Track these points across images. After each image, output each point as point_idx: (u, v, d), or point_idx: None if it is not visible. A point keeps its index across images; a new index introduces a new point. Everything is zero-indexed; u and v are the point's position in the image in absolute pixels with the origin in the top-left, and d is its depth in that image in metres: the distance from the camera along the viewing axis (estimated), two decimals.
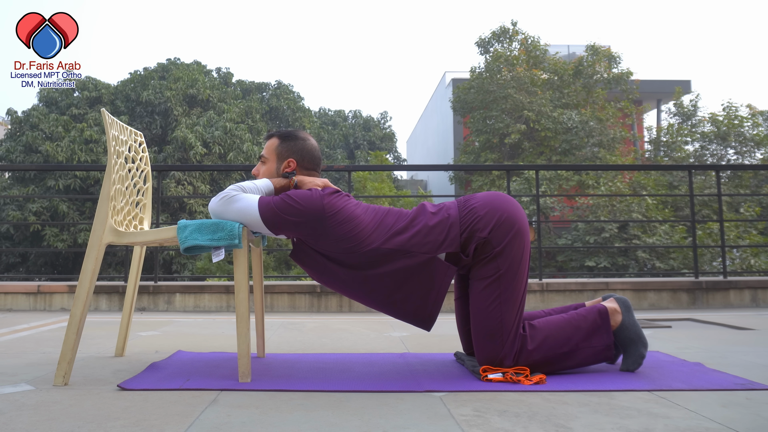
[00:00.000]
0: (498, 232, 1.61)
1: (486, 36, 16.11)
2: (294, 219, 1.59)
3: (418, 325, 1.69)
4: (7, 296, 3.86)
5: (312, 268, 1.70)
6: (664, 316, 3.38)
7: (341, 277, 1.66)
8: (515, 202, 1.70)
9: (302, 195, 1.62)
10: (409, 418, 1.22)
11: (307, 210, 1.59)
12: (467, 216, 1.64)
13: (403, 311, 1.67)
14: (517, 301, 1.61)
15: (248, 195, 1.63)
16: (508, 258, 1.60)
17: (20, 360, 1.92)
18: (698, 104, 14.51)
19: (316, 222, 1.59)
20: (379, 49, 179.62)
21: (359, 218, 1.62)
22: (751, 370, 1.73)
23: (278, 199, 1.62)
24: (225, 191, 1.62)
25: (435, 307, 1.64)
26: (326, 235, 1.60)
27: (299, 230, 1.62)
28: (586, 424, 1.18)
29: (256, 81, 20.56)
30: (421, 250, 1.59)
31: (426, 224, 1.63)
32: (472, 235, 1.61)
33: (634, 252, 9.39)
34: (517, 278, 1.61)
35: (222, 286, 3.93)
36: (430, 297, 1.63)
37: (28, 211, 13.84)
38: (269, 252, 8.09)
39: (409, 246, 1.59)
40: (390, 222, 1.65)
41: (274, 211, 1.59)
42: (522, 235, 1.64)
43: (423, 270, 1.60)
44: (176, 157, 15.46)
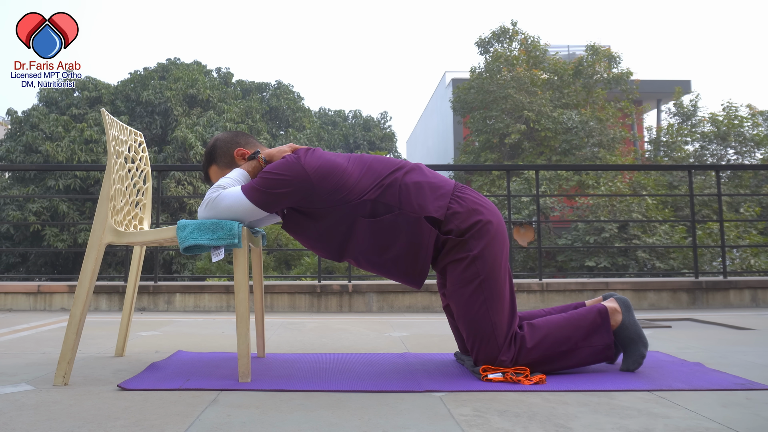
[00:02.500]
0: (476, 235, 1.62)
1: (486, 36, 16.10)
2: (283, 190, 1.60)
3: (409, 284, 1.71)
4: (7, 296, 3.86)
5: (304, 235, 1.71)
6: (664, 316, 3.38)
7: (335, 241, 1.67)
8: (493, 207, 1.71)
9: (280, 165, 1.63)
10: (409, 418, 1.22)
11: (292, 176, 1.60)
12: (456, 200, 1.66)
13: (394, 270, 1.68)
14: (504, 301, 1.62)
15: (229, 189, 1.62)
16: (487, 262, 1.61)
17: (20, 360, 1.92)
18: (698, 104, 14.50)
19: (304, 184, 1.60)
20: (379, 49, 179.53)
21: (341, 166, 1.64)
22: (751, 370, 1.73)
23: (258, 178, 1.62)
24: (206, 196, 1.63)
25: (425, 265, 1.66)
26: (317, 193, 1.61)
27: (292, 199, 1.62)
28: (586, 424, 1.18)
29: (256, 81, 20.55)
30: (410, 209, 1.62)
31: (424, 179, 1.66)
32: (450, 218, 1.63)
33: (634, 252, 9.39)
34: (499, 280, 1.62)
35: (222, 286, 3.93)
36: (420, 255, 1.64)
37: (28, 211, 13.83)
38: (269, 252, 8.09)
39: (403, 203, 1.62)
40: (378, 168, 1.67)
41: (261, 192, 1.60)
42: (498, 236, 1.65)
43: (413, 230, 1.62)
44: (176, 157, 15.45)
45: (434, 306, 3.86)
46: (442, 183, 1.69)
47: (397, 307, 3.88)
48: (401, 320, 3.23)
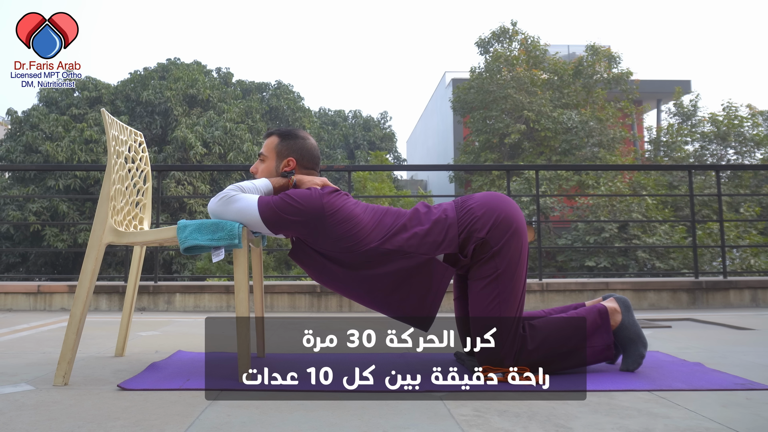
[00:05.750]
0: (496, 232, 1.61)
1: (486, 36, 16.11)
2: (294, 218, 1.59)
3: (415, 326, 1.70)
4: (7, 296, 3.86)
5: (311, 267, 1.70)
6: (664, 316, 3.38)
7: (340, 277, 1.66)
8: (512, 202, 1.70)
9: (302, 194, 1.62)
10: (409, 418, 1.22)
11: (307, 209, 1.59)
12: (465, 216, 1.64)
13: (400, 312, 1.67)
14: (516, 300, 1.61)
15: (247, 195, 1.62)
16: (506, 257, 1.60)
17: (20, 360, 1.92)
18: (698, 104, 14.51)
19: (315, 221, 1.59)
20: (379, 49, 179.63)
21: (358, 217, 1.62)
22: (751, 370, 1.73)
23: (278, 198, 1.62)
24: (224, 191, 1.62)
25: (433, 309, 1.65)
26: (326, 234, 1.60)
27: (299, 229, 1.62)
28: (586, 424, 1.18)
29: (256, 81, 20.55)
30: (420, 251, 1.59)
31: (424, 225, 1.63)
32: (470, 236, 1.61)
33: (634, 252, 9.39)
34: (516, 277, 1.61)
35: (222, 286, 3.93)
36: (428, 298, 1.63)
37: (28, 211, 13.83)
38: (269, 252, 8.09)
39: (407, 246, 1.60)
40: (388, 222, 1.65)
41: (273, 211, 1.59)
42: (520, 234, 1.64)
43: (421, 271, 1.60)
44: (176, 157, 15.45)
45: None
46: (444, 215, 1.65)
47: None
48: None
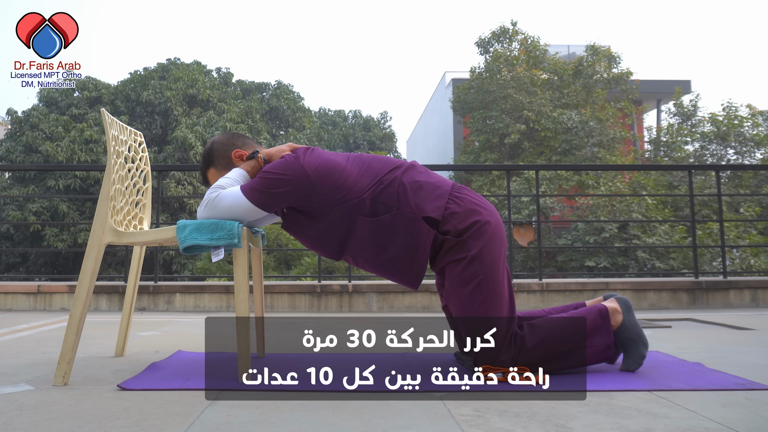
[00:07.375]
0: (474, 236, 1.61)
1: (486, 36, 16.09)
2: (282, 190, 1.59)
3: (405, 284, 1.71)
4: (7, 296, 3.86)
5: (304, 235, 1.71)
6: (664, 316, 3.38)
7: (335, 237, 1.66)
8: (491, 207, 1.71)
9: (279, 165, 1.63)
10: (409, 418, 1.22)
11: (291, 176, 1.59)
12: (454, 200, 1.65)
13: (391, 270, 1.68)
14: (503, 300, 1.62)
15: (229, 189, 1.62)
16: (485, 262, 1.61)
17: (20, 360, 1.92)
18: (698, 104, 14.50)
19: (303, 183, 1.60)
20: (379, 49, 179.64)
21: (341, 165, 1.64)
22: (751, 370, 1.73)
23: (258, 178, 1.62)
24: (205, 197, 1.62)
25: (421, 266, 1.66)
26: (317, 192, 1.60)
27: (292, 198, 1.62)
28: (586, 424, 1.18)
29: (256, 81, 20.54)
30: (408, 209, 1.61)
31: (417, 180, 1.65)
32: (448, 219, 1.62)
33: (634, 252, 9.39)
34: (498, 279, 1.62)
35: (222, 286, 3.93)
36: (416, 256, 1.64)
37: (28, 211, 13.83)
38: (269, 252, 8.08)
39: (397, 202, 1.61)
40: (376, 168, 1.67)
41: (260, 192, 1.59)
42: (496, 236, 1.65)
43: (408, 228, 1.61)
44: (176, 157, 15.45)
45: (434, 306, 3.86)
46: (440, 183, 1.68)
47: (398, 307, 3.88)
48: (401, 320, 3.22)
